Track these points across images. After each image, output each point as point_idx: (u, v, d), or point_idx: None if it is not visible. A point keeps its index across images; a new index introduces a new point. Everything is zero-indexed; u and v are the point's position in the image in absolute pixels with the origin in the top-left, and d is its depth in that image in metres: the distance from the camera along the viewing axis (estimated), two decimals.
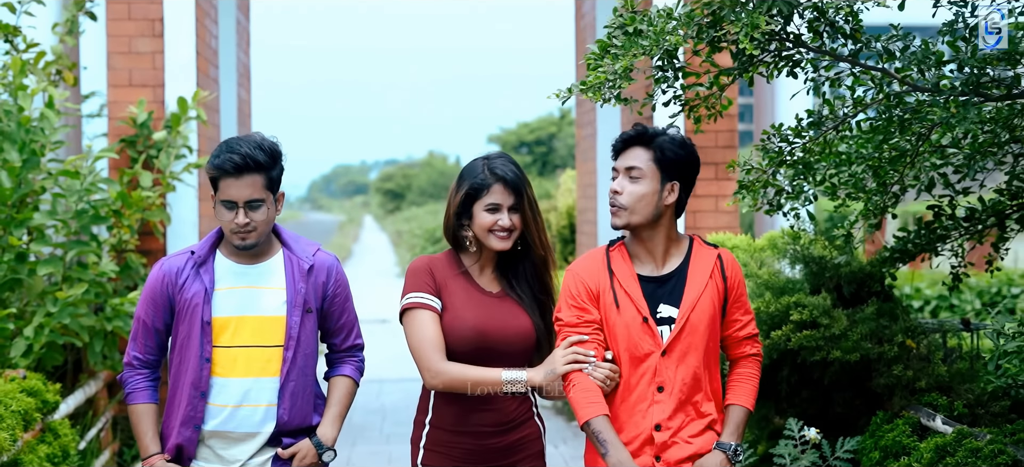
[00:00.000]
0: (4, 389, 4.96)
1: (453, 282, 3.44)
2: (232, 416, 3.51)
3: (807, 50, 3.71)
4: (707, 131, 6.90)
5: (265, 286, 3.54)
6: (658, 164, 3.33)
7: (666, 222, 3.39)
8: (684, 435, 3.38)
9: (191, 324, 3.50)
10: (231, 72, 8.43)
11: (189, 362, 3.51)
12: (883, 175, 4.08)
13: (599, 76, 3.42)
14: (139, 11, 6.87)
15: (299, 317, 3.53)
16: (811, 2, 3.58)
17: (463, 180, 3.41)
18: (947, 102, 3.62)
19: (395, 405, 9.95)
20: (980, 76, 3.68)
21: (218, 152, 3.45)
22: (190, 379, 3.50)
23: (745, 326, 3.47)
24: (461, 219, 3.42)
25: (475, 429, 3.40)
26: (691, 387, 3.37)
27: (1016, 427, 3.76)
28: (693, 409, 3.39)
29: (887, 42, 3.73)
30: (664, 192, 3.35)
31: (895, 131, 3.88)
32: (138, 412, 3.57)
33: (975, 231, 4.58)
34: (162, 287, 3.54)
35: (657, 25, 3.44)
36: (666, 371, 3.36)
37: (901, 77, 3.75)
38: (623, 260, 3.44)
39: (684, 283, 3.39)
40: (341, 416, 3.65)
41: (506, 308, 3.44)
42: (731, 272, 3.43)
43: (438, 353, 3.35)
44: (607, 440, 3.31)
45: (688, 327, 3.36)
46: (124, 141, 6.90)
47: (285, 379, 3.52)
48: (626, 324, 3.36)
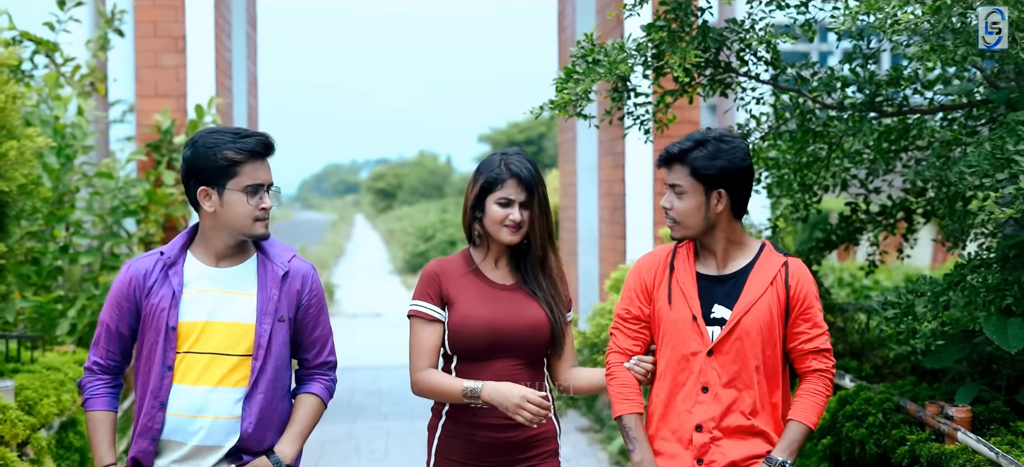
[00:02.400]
0: (59, 361, 5.78)
1: (463, 280, 3.46)
2: (189, 426, 3.31)
3: (735, 75, 4.55)
4: (674, 135, 7.72)
5: (237, 291, 3.35)
6: (697, 178, 3.32)
7: (723, 226, 3.36)
8: (727, 442, 3.32)
9: (157, 330, 3.30)
10: (242, 81, 9.25)
11: (152, 370, 3.32)
12: (804, 177, 4.91)
13: (564, 97, 4.23)
14: (164, 29, 7.67)
15: (269, 325, 3.33)
16: (737, 37, 4.41)
17: (479, 174, 3.45)
18: (849, 118, 4.45)
19: (392, 388, 10.72)
20: (874, 96, 4.51)
21: (228, 138, 3.29)
22: (151, 387, 3.31)
23: (811, 339, 3.35)
24: (475, 212, 3.45)
25: (493, 421, 3.40)
26: (740, 392, 3.32)
27: (905, 382, 4.60)
28: (742, 416, 3.32)
29: (800, 68, 4.57)
30: (711, 202, 3.33)
31: (811, 141, 4.71)
32: (94, 419, 3.36)
33: (887, 224, 5.41)
34: (129, 290, 3.35)
35: (611, 55, 4.26)
36: (711, 372, 3.32)
37: (812, 96, 4.59)
38: (687, 257, 3.42)
39: (742, 286, 3.34)
40: (303, 434, 3.43)
41: (517, 300, 3.45)
42: (795, 282, 3.34)
43: (422, 361, 3.43)
44: (636, 438, 3.36)
45: (739, 330, 3.31)
46: (150, 145, 7.71)
47: (252, 390, 3.31)
48: (676, 321, 3.35)
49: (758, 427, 3.33)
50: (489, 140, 44.35)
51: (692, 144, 3.34)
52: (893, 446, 4.23)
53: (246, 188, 3.26)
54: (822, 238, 5.44)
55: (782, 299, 3.33)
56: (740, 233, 3.40)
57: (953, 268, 4.25)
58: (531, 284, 3.46)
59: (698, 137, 3.35)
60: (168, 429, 3.32)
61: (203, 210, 3.32)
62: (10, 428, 4.68)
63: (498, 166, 3.42)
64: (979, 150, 3.88)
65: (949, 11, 3.69)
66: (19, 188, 5.17)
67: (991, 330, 3.91)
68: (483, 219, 3.44)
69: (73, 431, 5.64)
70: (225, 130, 3.31)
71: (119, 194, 7.01)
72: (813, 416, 3.33)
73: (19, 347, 5.80)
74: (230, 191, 3.26)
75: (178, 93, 7.73)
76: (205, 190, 3.28)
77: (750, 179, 3.38)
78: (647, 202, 7.96)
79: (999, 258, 4.15)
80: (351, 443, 8.22)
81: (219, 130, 3.32)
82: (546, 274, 3.49)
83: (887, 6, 3.75)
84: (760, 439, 3.33)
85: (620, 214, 8.13)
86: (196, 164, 3.28)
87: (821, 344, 3.37)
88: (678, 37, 4.28)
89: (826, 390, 3.36)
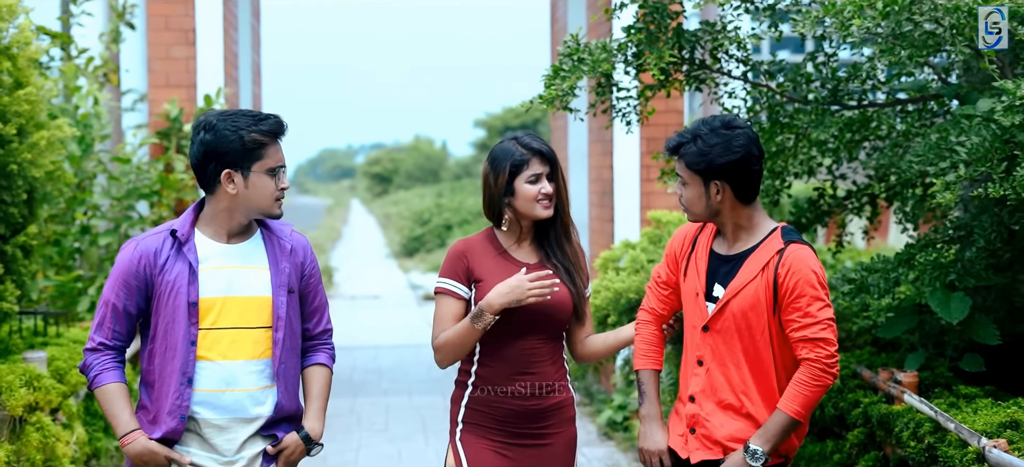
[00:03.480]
0: (83, 335, 6.20)
1: (490, 261, 3.54)
2: (218, 400, 3.34)
3: (709, 71, 4.97)
4: (658, 124, 8.14)
5: (250, 265, 3.39)
6: (693, 171, 3.40)
7: (728, 212, 3.41)
8: (716, 419, 3.42)
9: (175, 307, 3.30)
10: (247, 71, 9.65)
11: (175, 347, 3.31)
12: (773, 165, 5.33)
13: (552, 92, 4.65)
14: (175, 23, 8.08)
15: (285, 297, 3.40)
16: (710, 37, 4.83)
17: (501, 161, 3.51)
18: (813, 110, 4.88)
19: (390, 366, 11.16)
20: (836, 91, 4.94)
21: (249, 120, 3.31)
22: (177, 365, 3.30)
23: (800, 328, 3.31)
24: (505, 198, 3.52)
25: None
26: (727, 371, 3.41)
27: (863, 352, 5.04)
28: (731, 394, 3.41)
29: (768, 66, 4.99)
30: (711, 192, 3.39)
31: (779, 131, 5.13)
32: (110, 392, 3.33)
33: (853, 208, 5.84)
34: (139, 268, 3.32)
35: (595, 54, 4.67)
36: (706, 347, 3.44)
37: (780, 91, 5.01)
38: (709, 234, 3.53)
39: (738, 269, 3.41)
40: (324, 408, 3.51)
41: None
42: (785, 270, 3.32)
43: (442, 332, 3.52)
44: (646, 393, 3.53)
45: (727, 310, 3.39)
46: (160, 133, 8.12)
47: (279, 362, 3.38)
48: (687, 294, 3.50)
49: (746, 409, 3.37)
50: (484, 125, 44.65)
51: (689, 137, 3.41)
52: (849, 408, 4.67)
53: (269, 170, 3.31)
54: (792, 221, 5.86)
55: (771, 286, 3.33)
56: (749, 216, 3.41)
57: (904, 248, 4.68)
58: (553, 260, 3.55)
59: (694, 129, 3.41)
60: (197, 404, 3.32)
61: (222, 191, 3.32)
62: (45, 395, 5.10)
63: (518, 149, 3.50)
64: (926, 141, 4.30)
65: (897, 17, 4.11)
66: (46, 174, 5.57)
67: (936, 304, 4.34)
68: (514, 202, 3.50)
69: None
70: (239, 113, 3.32)
71: (134, 179, 7.44)
72: (795, 405, 3.29)
73: (45, 323, 6.22)
74: (255, 173, 3.29)
75: (188, 83, 8.13)
76: (229, 173, 3.28)
77: (750, 166, 3.36)
78: (634, 187, 8.38)
79: (945, 239, 4.58)
80: (353, 417, 8.66)
81: (234, 113, 3.32)
82: (570, 246, 3.58)
83: (844, 12, 4.16)
84: (747, 422, 3.38)
85: (609, 198, 8.56)
86: (219, 147, 3.27)
87: (811, 333, 3.29)
88: (655, 38, 4.70)
89: (814, 380, 3.29)
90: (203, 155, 3.31)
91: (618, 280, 6.28)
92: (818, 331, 3.30)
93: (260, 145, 3.29)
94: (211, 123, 3.30)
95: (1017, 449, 3.55)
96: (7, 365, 4.95)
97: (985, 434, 3.68)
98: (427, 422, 8.37)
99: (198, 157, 3.31)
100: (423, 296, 17.56)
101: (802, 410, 3.32)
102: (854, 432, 4.63)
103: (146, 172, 7.52)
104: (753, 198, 3.43)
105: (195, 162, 3.33)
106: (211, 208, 3.37)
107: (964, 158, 4.05)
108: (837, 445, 4.80)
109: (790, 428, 3.33)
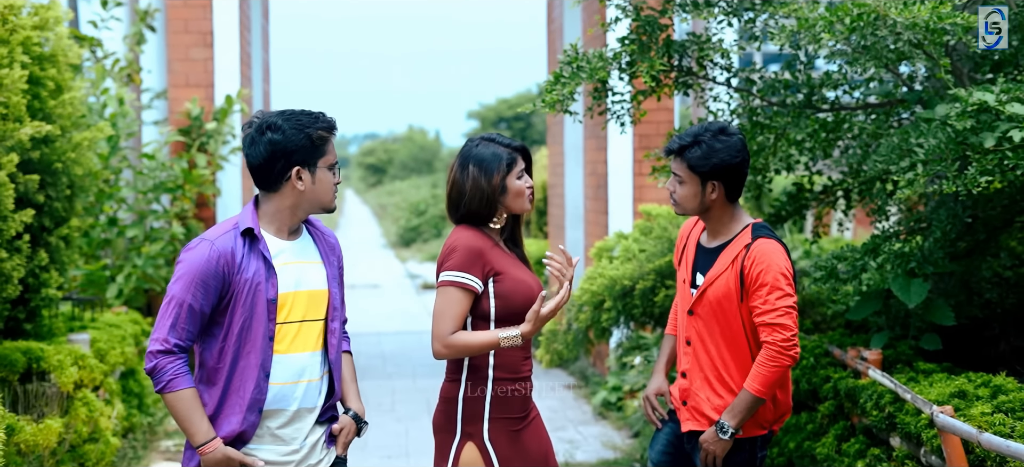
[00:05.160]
0: (117, 319, 6.69)
1: (499, 254, 3.64)
2: (292, 393, 3.43)
3: (695, 78, 5.46)
4: (650, 122, 8.63)
5: (309, 260, 3.50)
6: (693, 171, 3.80)
7: (717, 209, 3.84)
8: (703, 394, 3.88)
9: (254, 304, 3.36)
10: (259, 70, 10.12)
11: (255, 343, 3.37)
12: (754, 162, 5.83)
13: (553, 98, 5.13)
14: (194, 26, 8.56)
15: (337, 289, 3.53)
16: (696, 47, 5.33)
17: (493, 162, 3.62)
18: (789, 113, 5.38)
19: (393, 352, 11.64)
20: (810, 95, 5.45)
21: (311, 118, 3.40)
22: (256, 360, 3.36)
23: (760, 313, 3.71)
24: (500, 196, 3.63)
25: (524, 374, 3.66)
26: (710, 351, 3.85)
27: (835, 333, 5.55)
28: (713, 375, 3.85)
29: (749, 72, 5.50)
30: (707, 191, 3.82)
31: (759, 132, 5.63)
32: (185, 398, 3.33)
33: (829, 201, 6.34)
34: (217, 268, 3.33)
35: (592, 63, 5.16)
36: (691, 329, 3.89)
37: (760, 95, 5.51)
38: (699, 228, 3.98)
39: (715, 259, 3.84)
40: (358, 392, 3.66)
41: (523, 268, 3.70)
42: (751, 262, 3.74)
43: (452, 326, 3.55)
44: (658, 359, 4.15)
45: (705, 297, 3.82)
46: (182, 131, 8.60)
47: (334, 352, 3.51)
48: (678, 280, 4.00)
49: (728, 385, 3.82)
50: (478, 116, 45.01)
51: (690, 141, 3.81)
52: (820, 383, 5.18)
53: (330, 165, 3.43)
54: (773, 213, 6.36)
55: (738, 276, 3.75)
56: (732, 213, 3.85)
57: (870, 238, 5.19)
58: (518, 253, 3.72)
59: (696, 132, 3.81)
60: (271, 398, 3.39)
61: (288, 188, 3.39)
62: (89, 373, 5.59)
63: (505, 150, 3.65)
64: (888, 142, 4.80)
65: (862, 32, 4.60)
66: (85, 171, 6.05)
67: (897, 289, 4.84)
68: (505, 199, 3.63)
69: (132, 379, 6.57)
70: (298, 112, 3.40)
71: (159, 173, 7.93)
72: (756, 383, 3.70)
73: (80, 308, 6.71)
74: (321, 169, 3.40)
75: (206, 83, 8.61)
76: (298, 170, 3.37)
77: (743, 170, 3.80)
78: (627, 182, 8.86)
79: (907, 230, 5.08)
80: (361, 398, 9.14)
81: (294, 112, 3.40)
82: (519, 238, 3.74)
83: (816, 27, 4.65)
84: (731, 397, 3.81)
85: (603, 192, 9.04)
86: (288, 146, 3.34)
87: (770, 319, 3.69)
88: (647, 48, 5.20)
89: (771, 360, 3.68)
90: (271, 154, 3.36)
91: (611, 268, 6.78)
92: (776, 317, 3.70)
93: (324, 142, 3.40)
94: (276, 124, 3.38)
95: (962, 414, 4.05)
96: (53, 346, 5.43)
97: (936, 403, 4.18)
98: (431, 403, 8.81)
99: (265, 156, 3.37)
100: (421, 285, 18.05)
101: (763, 388, 3.72)
102: (825, 404, 5.14)
103: (169, 167, 8.02)
104: (738, 197, 3.88)
105: (260, 162, 3.38)
106: (273, 206, 3.43)
107: (922, 158, 4.54)
108: (810, 417, 5.32)
109: (754, 405, 3.75)
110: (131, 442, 6.48)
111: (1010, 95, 4.38)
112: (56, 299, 5.79)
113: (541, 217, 15.56)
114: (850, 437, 4.96)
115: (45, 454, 4.95)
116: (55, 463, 5.11)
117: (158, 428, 7.03)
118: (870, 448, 4.74)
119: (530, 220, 15.49)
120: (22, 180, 5.19)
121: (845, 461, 4.82)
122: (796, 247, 9.12)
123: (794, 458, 5.31)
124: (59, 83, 5.82)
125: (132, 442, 6.49)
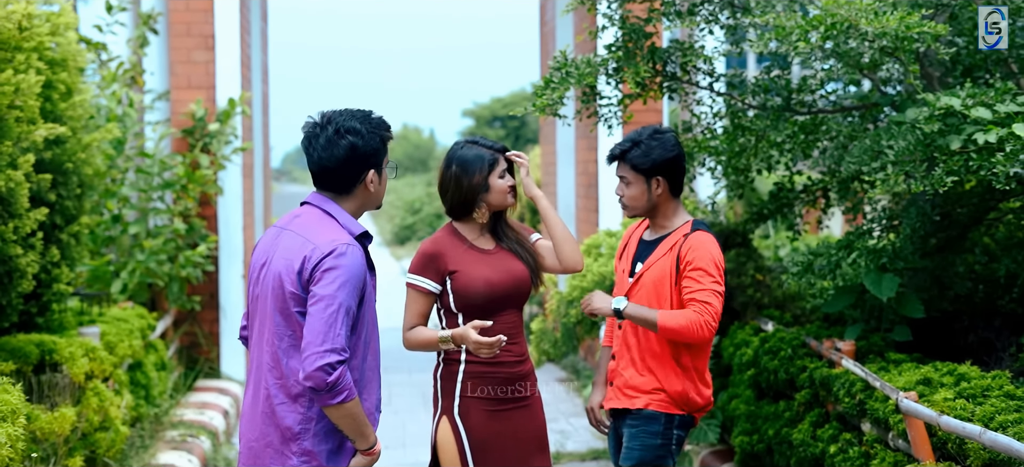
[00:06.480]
0: (123, 314, 6.93)
1: (459, 252, 3.99)
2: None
3: (679, 82, 5.73)
4: (639, 124, 8.86)
5: None
6: (637, 171, 4.15)
7: (663, 205, 4.20)
8: (627, 373, 4.19)
9: (372, 307, 3.44)
10: (258, 73, 10.37)
11: (374, 345, 3.45)
12: (737, 163, 6.09)
13: (543, 101, 5.38)
14: (196, 30, 8.81)
15: None
16: (680, 53, 5.59)
17: (475, 163, 3.98)
18: (769, 115, 5.64)
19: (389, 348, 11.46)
20: (789, 99, 5.72)
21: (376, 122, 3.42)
22: (377, 362, 3.46)
23: (691, 292, 4.05)
24: (480, 193, 3.99)
25: (506, 359, 3.96)
26: (639, 333, 4.15)
27: (812, 326, 5.82)
28: (638, 355, 4.16)
29: (730, 77, 5.76)
30: (652, 187, 4.16)
31: (741, 134, 5.89)
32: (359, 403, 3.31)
33: (809, 199, 6.60)
34: (363, 272, 3.36)
35: (581, 68, 5.41)
36: None
37: (741, 99, 5.77)
38: (643, 227, 4.32)
39: (654, 249, 4.19)
40: None
41: (503, 260, 4.02)
42: (687, 249, 4.09)
43: (413, 322, 3.98)
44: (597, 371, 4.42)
45: (640, 283, 4.15)
46: (185, 131, 8.84)
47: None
48: (618, 272, 4.31)
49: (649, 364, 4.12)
50: (473, 114, 45.18)
51: (630, 144, 4.20)
52: (797, 373, 5.45)
53: (389, 165, 3.52)
54: (755, 211, 6.62)
55: (674, 261, 4.10)
56: (675, 209, 4.22)
57: (845, 235, 5.45)
58: (508, 243, 4.04)
59: (634, 137, 4.20)
60: None
61: (361, 190, 3.42)
62: (100, 364, 5.84)
63: (487, 151, 3.99)
64: (861, 144, 5.06)
65: (836, 40, 4.86)
66: (94, 171, 6.29)
67: (869, 283, 5.11)
68: (487, 196, 3.99)
69: (140, 371, 6.82)
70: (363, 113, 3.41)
71: (161, 172, 8.18)
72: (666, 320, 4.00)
73: (86, 303, 6.96)
74: (384, 170, 3.48)
75: (208, 85, 8.87)
76: (373, 172, 3.41)
77: (680, 163, 4.18)
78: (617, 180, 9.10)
79: (881, 228, 5.34)
80: None
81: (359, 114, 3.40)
82: (510, 225, 4.08)
83: (792, 35, 4.91)
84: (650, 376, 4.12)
85: (594, 190, 9.30)
86: (367, 148, 3.36)
87: (698, 296, 4.02)
88: (633, 54, 5.45)
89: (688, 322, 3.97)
90: (351, 157, 3.35)
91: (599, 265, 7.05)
92: (704, 296, 4.03)
93: (387, 143, 3.47)
94: (355, 127, 3.37)
95: (926, 400, 4.32)
96: (65, 339, 5.67)
97: (903, 389, 4.45)
98: (427, 397, 9.05)
99: (344, 159, 3.36)
100: None
101: (666, 325, 4.02)
102: (801, 393, 5.41)
103: (170, 166, 8.27)
104: (680, 193, 4.24)
105: (338, 164, 3.37)
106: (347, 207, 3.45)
107: (892, 159, 4.80)
108: (788, 405, 5.59)
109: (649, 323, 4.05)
110: (139, 431, 6.72)
111: (975, 99, 4.64)
112: (66, 294, 6.02)
113: (534, 215, 15.80)
114: (824, 423, 5.23)
115: (59, 442, 5.19)
116: (68, 450, 5.35)
117: (164, 418, 7.29)
118: (842, 433, 5.01)
119: (524, 217, 15.75)
120: (36, 179, 5.43)
121: (819, 445, 5.09)
122: (783, 244, 9.40)
123: (772, 444, 5.58)
124: (69, 86, 6.06)
125: (140, 431, 6.74)
